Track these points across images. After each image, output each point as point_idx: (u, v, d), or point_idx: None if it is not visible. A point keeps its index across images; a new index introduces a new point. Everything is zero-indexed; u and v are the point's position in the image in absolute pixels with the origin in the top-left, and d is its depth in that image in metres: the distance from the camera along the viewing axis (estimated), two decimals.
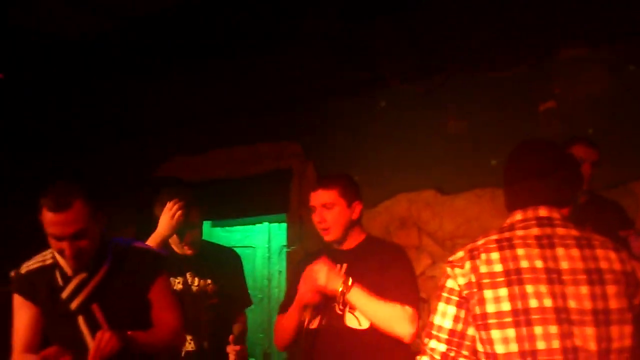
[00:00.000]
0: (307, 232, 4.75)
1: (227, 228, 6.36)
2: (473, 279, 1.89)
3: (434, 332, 1.95)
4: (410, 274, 2.75)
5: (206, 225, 6.30)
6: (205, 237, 4.98)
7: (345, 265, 2.76)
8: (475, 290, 1.88)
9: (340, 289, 2.60)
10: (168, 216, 3.30)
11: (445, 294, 1.95)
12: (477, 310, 1.86)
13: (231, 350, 3.10)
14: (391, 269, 2.70)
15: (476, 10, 4.03)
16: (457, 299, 1.92)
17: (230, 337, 3.09)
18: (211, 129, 5.46)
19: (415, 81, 4.44)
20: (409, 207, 4.39)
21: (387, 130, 4.53)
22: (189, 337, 3.30)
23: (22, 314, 2.54)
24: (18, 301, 2.55)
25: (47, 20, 4.44)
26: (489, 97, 4.20)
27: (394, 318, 2.57)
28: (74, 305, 2.47)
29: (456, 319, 1.92)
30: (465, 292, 1.90)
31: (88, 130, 5.78)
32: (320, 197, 2.82)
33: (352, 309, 2.66)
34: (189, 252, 3.42)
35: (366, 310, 2.62)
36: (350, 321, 2.68)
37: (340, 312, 2.69)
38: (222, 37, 4.54)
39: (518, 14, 3.94)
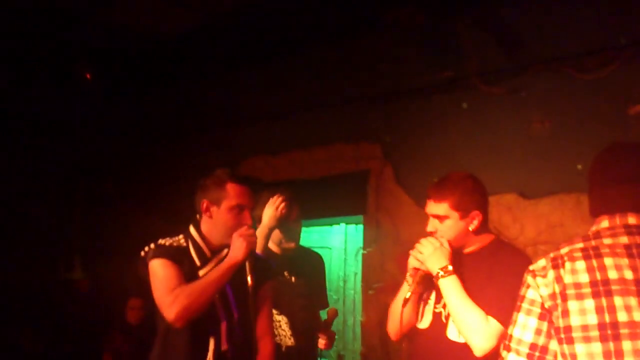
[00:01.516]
0: (384, 234, 4.71)
1: (305, 228, 6.35)
2: (557, 290, 1.79)
3: (514, 346, 1.85)
4: (511, 287, 2.35)
5: None
6: None
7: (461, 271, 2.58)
8: (559, 301, 1.77)
9: (437, 271, 2.50)
10: (272, 209, 3.40)
11: (525, 305, 1.85)
12: (561, 323, 1.76)
13: (322, 336, 3.38)
14: (500, 275, 2.48)
15: (563, 9, 3.90)
16: (539, 310, 1.82)
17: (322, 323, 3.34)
18: (290, 129, 5.48)
19: (499, 81, 4.32)
20: (490, 210, 4.24)
21: (468, 132, 4.43)
22: (289, 333, 3.43)
23: (170, 270, 2.65)
24: (163, 263, 2.67)
25: (133, 17, 4.55)
26: (575, 98, 4.04)
27: (473, 326, 2.40)
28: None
29: (538, 332, 1.81)
30: (548, 304, 1.80)
31: (170, 126, 5.90)
32: (432, 208, 2.63)
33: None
34: (288, 250, 3.53)
35: (450, 305, 2.48)
36: (453, 333, 2.54)
37: (444, 321, 2.57)
38: (303, 33, 4.54)
39: (606, 13, 3.78)
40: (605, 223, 1.88)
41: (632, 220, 1.84)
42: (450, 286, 2.49)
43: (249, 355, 2.78)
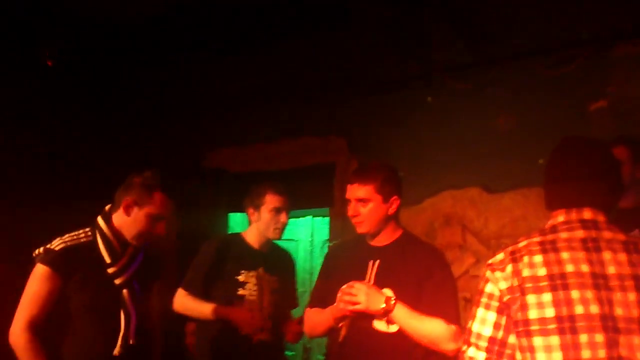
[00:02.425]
0: (350, 226, 4.70)
1: None
2: (515, 283, 1.81)
3: (473, 340, 1.87)
4: (451, 285, 2.67)
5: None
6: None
7: (377, 262, 2.71)
8: (517, 295, 1.80)
9: (383, 308, 2.54)
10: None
11: (484, 300, 1.88)
12: (519, 316, 1.79)
13: (292, 328, 3.43)
14: (432, 278, 2.62)
15: (530, 5, 3.93)
16: (497, 304, 1.85)
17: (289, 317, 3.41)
18: (256, 121, 5.45)
19: (465, 77, 4.35)
20: (454, 204, 4.32)
21: (433, 126, 4.46)
22: (259, 327, 3.47)
23: (46, 285, 2.63)
24: (44, 273, 2.64)
25: (101, 3, 4.48)
26: (540, 94, 4.09)
27: (439, 337, 2.52)
28: (119, 280, 2.74)
29: (496, 325, 1.84)
30: (506, 297, 1.83)
31: (134, 116, 5.83)
32: (356, 192, 2.74)
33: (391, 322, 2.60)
34: (265, 244, 3.63)
35: (409, 329, 2.55)
36: (379, 324, 2.62)
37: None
38: (272, 26, 4.51)
39: (573, 8, 3.82)
40: (561, 217, 1.92)
41: (587, 214, 1.88)
42: (400, 314, 2.55)
43: (152, 346, 3.02)
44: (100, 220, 2.81)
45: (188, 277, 3.59)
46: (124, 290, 2.75)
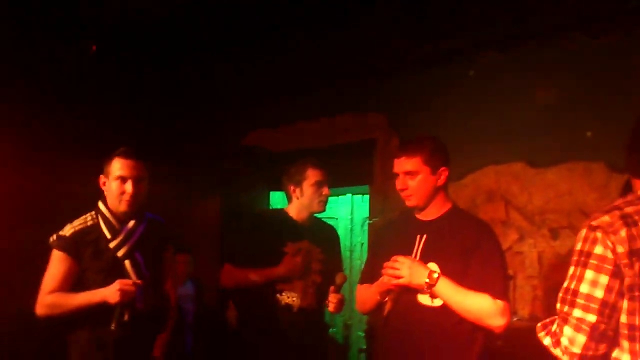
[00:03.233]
0: (390, 204, 4.69)
1: None
2: (631, 248, 1.78)
3: (581, 301, 1.82)
4: (499, 259, 2.61)
5: None
6: None
7: (425, 236, 2.68)
8: (634, 259, 1.77)
9: (426, 282, 2.53)
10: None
11: (594, 262, 1.82)
12: (637, 280, 1.77)
13: (333, 298, 3.34)
14: (479, 252, 2.58)
15: None
16: (610, 267, 1.80)
17: (331, 288, 3.32)
18: (296, 100, 5.44)
19: (506, 48, 4.25)
20: (497, 180, 4.25)
21: (475, 101, 4.38)
22: (302, 295, 3.51)
23: (61, 266, 3.02)
24: (59, 257, 3.03)
25: None
26: (584, 65, 3.98)
27: (484, 312, 2.50)
28: (120, 252, 3.06)
29: (609, 289, 1.80)
30: (622, 261, 1.78)
31: (176, 101, 5.87)
32: (404, 165, 2.71)
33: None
34: (308, 222, 3.65)
35: (454, 304, 2.52)
36: (423, 299, 2.60)
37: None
38: (305, 6, 4.48)
39: None
40: None
41: None
42: (444, 289, 2.53)
43: (164, 307, 3.25)
44: (99, 202, 3.16)
45: (233, 252, 3.66)
46: (126, 261, 3.07)
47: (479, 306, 2.49)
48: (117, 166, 3.07)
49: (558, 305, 1.91)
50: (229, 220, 5.54)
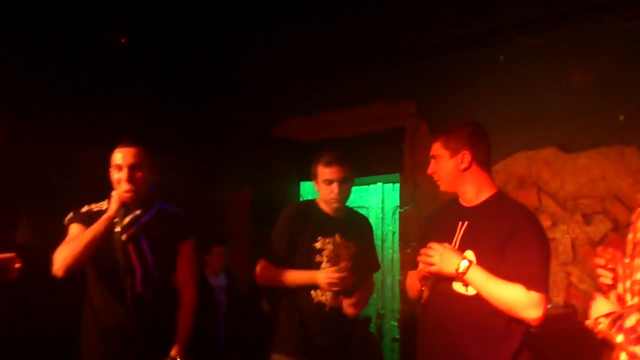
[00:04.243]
0: (421, 192, 4.67)
1: None
2: None
3: None
4: (537, 247, 2.52)
5: None
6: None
7: (466, 223, 2.65)
8: None
9: (458, 271, 2.50)
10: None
11: None
12: None
13: (347, 304, 3.37)
14: (516, 240, 2.50)
15: None
16: None
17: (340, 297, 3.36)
18: (325, 89, 5.42)
19: (537, 32, 4.19)
20: (529, 166, 4.20)
21: (505, 86, 4.33)
22: (333, 294, 3.43)
23: (75, 233, 3.06)
24: (76, 229, 3.08)
25: None
26: (616, 48, 3.91)
27: (517, 303, 2.43)
28: (124, 236, 3.08)
29: None
30: None
31: (206, 88, 5.90)
32: (431, 149, 2.76)
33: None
34: (338, 211, 3.57)
35: (485, 293, 2.48)
36: (458, 286, 2.58)
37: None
38: None
39: None
40: None
41: None
42: (475, 277, 2.50)
43: (170, 297, 3.21)
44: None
45: (268, 248, 3.58)
46: (129, 245, 3.09)
47: (511, 297, 2.44)
48: (115, 156, 3.11)
49: (630, 299, 1.86)
50: (260, 212, 5.56)
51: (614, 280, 2.10)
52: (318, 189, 3.57)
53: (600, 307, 2.00)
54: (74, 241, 2.96)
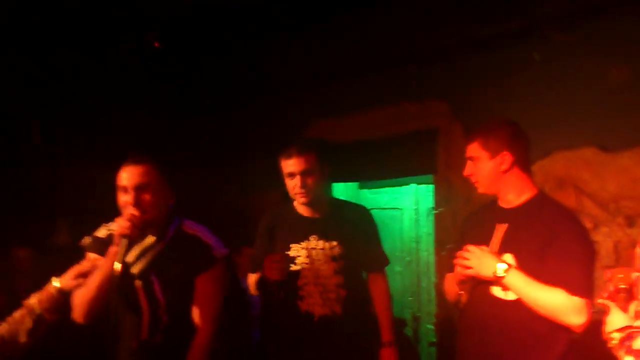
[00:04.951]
0: (455, 193, 4.59)
1: (374, 190, 6.33)
2: None
3: None
4: (581, 250, 2.42)
5: (353, 187, 6.31)
6: (352, 199, 4.94)
7: (506, 226, 2.57)
8: None
9: (496, 275, 2.42)
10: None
11: None
12: None
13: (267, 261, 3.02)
14: (558, 242, 2.41)
15: None
16: None
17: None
18: (357, 89, 5.37)
19: (574, 27, 4.06)
20: (567, 166, 4.08)
21: (542, 84, 4.20)
22: (320, 301, 3.17)
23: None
24: (91, 260, 2.68)
25: None
26: None
27: (559, 309, 2.35)
28: (135, 269, 2.70)
29: None
30: None
31: (238, 90, 5.89)
32: (467, 150, 2.67)
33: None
34: (318, 213, 3.28)
35: (525, 298, 2.40)
36: (497, 291, 2.50)
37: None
38: None
39: None
40: None
41: None
42: (514, 281, 2.41)
43: (185, 341, 2.72)
44: None
45: (252, 258, 3.41)
46: (137, 282, 2.71)
47: (552, 302, 2.35)
48: (120, 176, 2.67)
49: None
50: None
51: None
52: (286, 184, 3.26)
53: (615, 321, 1.92)
54: (87, 286, 2.55)
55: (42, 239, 5.72)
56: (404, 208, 6.06)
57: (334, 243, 3.22)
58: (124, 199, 2.64)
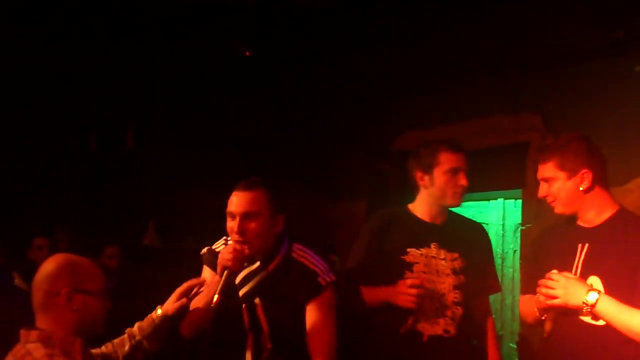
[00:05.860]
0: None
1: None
2: None
3: None
4: None
5: None
6: None
7: (587, 246, 2.44)
8: None
9: (586, 304, 2.29)
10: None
11: None
12: None
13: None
14: None
15: None
16: None
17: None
18: (445, 101, 5.33)
19: None
20: None
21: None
22: (432, 319, 2.89)
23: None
24: (205, 273, 2.70)
25: None
26: None
27: None
28: (241, 292, 2.63)
29: None
30: None
31: (325, 102, 5.94)
32: (540, 171, 2.57)
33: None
34: (439, 220, 3.04)
35: (618, 325, 2.28)
36: (586, 317, 2.37)
37: None
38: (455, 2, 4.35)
39: None
40: None
41: None
42: (606, 309, 2.28)
43: None
44: None
45: (347, 266, 3.14)
46: (242, 308, 2.65)
47: None
48: (230, 201, 2.58)
49: None
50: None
51: None
52: (430, 183, 2.97)
53: None
54: (192, 305, 2.50)
55: (133, 239, 5.92)
56: (491, 223, 5.94)
57: (456, 255, 2.97)
58: (231, 224, 2.56)
